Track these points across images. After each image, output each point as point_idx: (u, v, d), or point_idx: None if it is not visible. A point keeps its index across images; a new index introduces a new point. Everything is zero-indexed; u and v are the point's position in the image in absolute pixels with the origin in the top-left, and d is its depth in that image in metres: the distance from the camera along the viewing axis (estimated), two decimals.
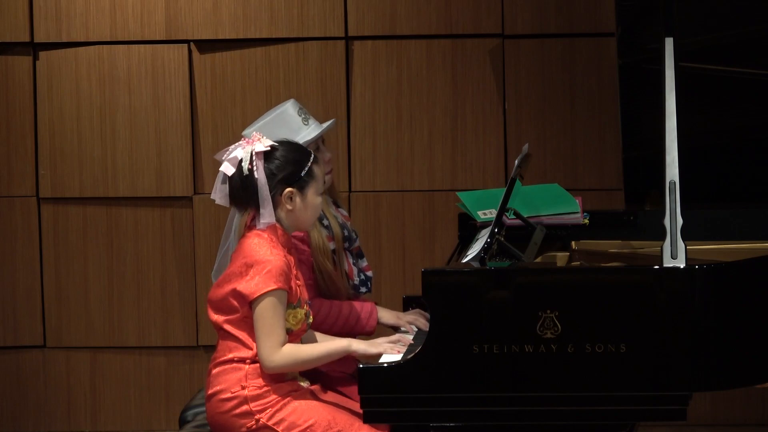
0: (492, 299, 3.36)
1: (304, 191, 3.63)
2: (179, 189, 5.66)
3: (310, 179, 3.64)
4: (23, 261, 5.72)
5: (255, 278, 3.53)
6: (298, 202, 3.63)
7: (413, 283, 5.45)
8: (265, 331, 3.52)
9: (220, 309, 3.62)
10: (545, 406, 3.36)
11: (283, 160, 3.61)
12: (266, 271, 3.52)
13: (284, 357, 3.52)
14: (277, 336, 3.52)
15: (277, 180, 3.59)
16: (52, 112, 5.68)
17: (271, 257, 3.54)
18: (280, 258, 3.55)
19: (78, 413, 5.76)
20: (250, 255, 3.56)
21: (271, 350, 3.51)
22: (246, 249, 3.59)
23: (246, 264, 3.56)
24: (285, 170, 3.60)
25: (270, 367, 3.53)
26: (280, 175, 3.60)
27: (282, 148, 3.64)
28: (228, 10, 5.61)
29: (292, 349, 3.56)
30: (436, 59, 5.58)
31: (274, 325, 3.52)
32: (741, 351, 3.40)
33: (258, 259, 3.54)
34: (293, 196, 3.62)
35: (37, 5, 5.64)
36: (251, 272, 3.54)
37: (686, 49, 4.11)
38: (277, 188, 3.60)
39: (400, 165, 5.62)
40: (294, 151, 3.65)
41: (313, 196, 3.65)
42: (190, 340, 5.70)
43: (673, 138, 3.43)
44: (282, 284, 3.52)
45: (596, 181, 5.56)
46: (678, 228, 3.37)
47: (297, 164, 3.62)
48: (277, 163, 3.60)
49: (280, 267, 3.53)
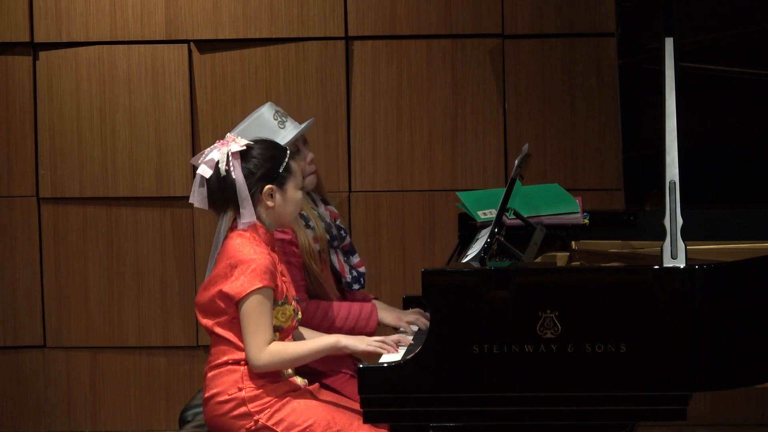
0: (492, 299, 3.36)
1: (283, 187, 3.64)
2: (179, 189, 5.66)
3: (288, 175, 3.64)
4: (23, 261, 5.72)
5: (240, 278, 3.52)
6: (279, 199, 3.63)
7: (413, 283, 5.45)
8: (250, 330, 3.51)
9: (208, 312, 3.61)
10: (545, 406, 3.36)
11: (260, 158, 3.62)
12: (251, 270, 3.52)
13: (271, 355, 3.52)
14: (263, 334, 3.51)
15: (255, 178, 3.60)
16: (52, 112, 5.68)
17: (254, 256, 3.54)
18: (264, 256, 3.55)
19: (78, 413, 5.77)
20: (234, 255, 3.56)
21: (258, 349, 3.51)
22: (229, 250, 3.58)
23: (230, 265, 3.55)
24: (263, 168, 3.61)
25: (257, 366, 3.53)
26: (258, 173, 3.60)
27: (258, 147, 3.65)
28: (228, 10, 5.61)
29: (279, 347, 3.55)
30: (436, 59, 5.58)
31: (260, 324, 3.51)
32: (741, 351, 3.40)
33: (241, 259, 3.54)
34: (273, 193, 3.62)
35: (37, 5, 5.64)
36: (236, 272, 3.53)
37: (686, 49, 4.10)
38: (257, 186, 3.60)
39: (400, 165, 5.62)
40: (270, 149, 3.66)
41: (292, 191, 3.66)
42: (190, 340, 5.70)
43: (673, 138, 3.43)
44: (267, 282, 3.52)
45: (596, 181, 5.56)
46: (678, 228, 3.37)
47: (274, 161, 3.63)
48: (255, 161, 3.61)
49: (264, 265, 3.53)
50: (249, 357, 3.52)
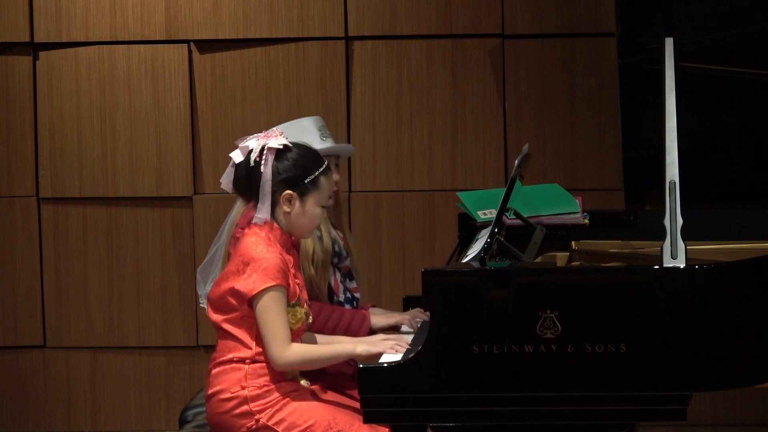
0: (492, 299, 3.36)
1: (304, 198, 3.62)
2: (179, 189, 5.66)
3: (313, 188, 3.62)
4: (23, 261, 5.72)
5: (252, 275, 3.53)
6: (297, 207, 3.62)
7: (413, 283, 5.45)
8: (270, 329, 3.51)
9: (219, 308, 3.62)
10: (545, 406, 3.36)
11: (292, 162, 3.60)
12: (263, 268, 3.52)
13: (296, 354, 3.52)
14: (284, 332, 3.52)
15: (279, 179, 3.59)
16: (52, 112, 5.68)
17: (267, 255, 3.54)
18: (276, 255, 3.55)
19: (78, 413, 5.77)
20: (247, 253, 3.56)
21: (282, 348, 3.51)
22: (243, 247, 3.59)
23: (243, 262, 3.55)
24: (290, 172, 3.60)
25: (281, 365, 3.53)
26: (284, 175, 3.59)
27: (296, 150, 3.63)
28: (228, 10, 5.61)
29: (303, 347, 3.56)
30: (436, 59, 5.59)
31: (279, 321, 3.51)
32: (741, 351, 3.40)
33: (254, 257, 3.54)
34: (292, 200, 3.61)
35: (37, 5, 5.64)
36: (248, 270, 3.54)
37: (686, 49, 4.10)
38: (278, 188, 3.60)
39: (400, 165, 5.62)
40: (306, 157, 3.63)
41: (312, 206, 3.63)
42: (190, 340, 5.71)
43: (673, 138, 3.43)
44: (280, 281, 3.52)
45: (596, 181, 5.56)
46: (678, 228, 3.37)
47: (304, 170, 3.61)
48: (286, 163, 3.59)
49: (276, 264, 3.53)
50: (272, 356, 3.52)
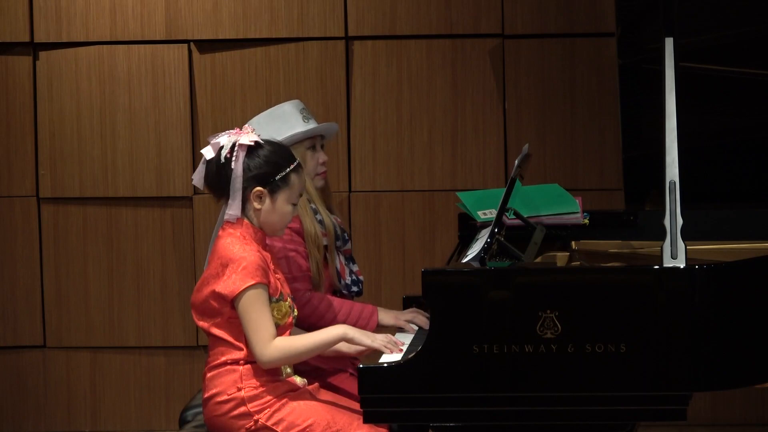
0: (492, 299, 3.36)
1: (274, 195, 3.60)
2: (179, 189, 5.66)
3: (283, 185, 3.61)
4: (23, 261, 5.72)
5: (232, 276, 3.51)
6: (267, 204, 3.61)
7: (413, 283, 5.45)
8: (252, 327, 3.50)
9: (203, 313, 3.60)
10: (545, 406, 3.36)
11: (263, 159, 3.59)
12: (242, 267, 3.51)
13: (278, 350, 3.51)
14: (266, 330, 3.50)
15: (250, 176, 3.58)
16: (52, 112, 5.68)
17: (244, 254, 3.53)
18: (254, 253, 3.54)
19: (78, 413, 5.77)
20: (224, 254, 3.55)
21: (263, 345, 3.50)
22: (220, 249, 3.58)
23: (221, 264, 3.54)
24: (261, 169, 3.58)
25: (265, 362, 3.52)
26: (254, 172, 3.58)
27: (267, 147, 3.62)
28: (228, 10, 5.61)
29: (285, 341, 3.54)
30: (436, 59, 5.59)
31: (261, 319, 3.50)
32: (741, 351, 3.40)
33: (232, 257, 3.53)
34: (263, 197, 3.60)
35: (37, 5, 5.64)
36: (227, 271, 3.52)
37: (686, 49, 4.10)
38: (249, 184, 3.59)
39: (400, 165, 5.62)
40: (277, 153, 3.63)
41: (283, 203, 3.62)
42: (190, 340, 5.70)
43: (673, 138, 3.43)
44: (260, 278, 3.51)
45: (596, 181, 5.56)
46: (678, 228, 3.37)
47: (275, 166, 3.60)
48: (257, 160, 3.58)
49: (255, 262, 3.52)
50: (255, 354, 3.51)
